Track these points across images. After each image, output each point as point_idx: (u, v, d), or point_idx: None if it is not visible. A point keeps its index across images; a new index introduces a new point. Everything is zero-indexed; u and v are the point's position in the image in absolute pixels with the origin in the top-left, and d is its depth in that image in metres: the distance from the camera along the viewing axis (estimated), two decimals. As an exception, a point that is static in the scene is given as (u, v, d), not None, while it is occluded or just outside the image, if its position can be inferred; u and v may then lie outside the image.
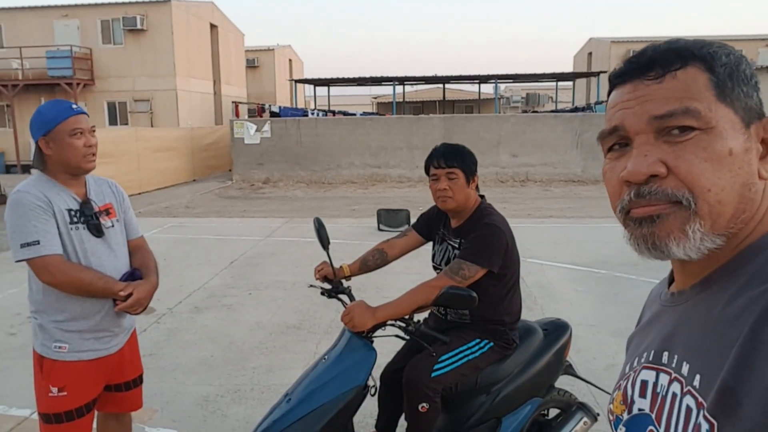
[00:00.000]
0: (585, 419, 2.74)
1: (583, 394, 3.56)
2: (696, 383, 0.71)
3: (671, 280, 0.90)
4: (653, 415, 0.78)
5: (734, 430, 0.63)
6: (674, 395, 0.74)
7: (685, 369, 0.74)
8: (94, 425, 2.43)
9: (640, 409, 0.82)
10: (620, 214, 0.78)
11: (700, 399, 0.69)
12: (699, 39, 0.78)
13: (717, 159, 0.71)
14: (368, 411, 3.12)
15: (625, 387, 0.87)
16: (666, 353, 0.79)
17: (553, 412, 2.90)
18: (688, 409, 0.71)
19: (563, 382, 2.93)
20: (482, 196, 2.60)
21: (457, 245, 2.53)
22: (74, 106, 2.24)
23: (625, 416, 0.85)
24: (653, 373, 0.81)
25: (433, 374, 2.39)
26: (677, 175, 0.72)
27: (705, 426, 0.67)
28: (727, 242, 0.74)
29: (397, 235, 2.87)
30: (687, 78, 0.73)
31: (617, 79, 0.80)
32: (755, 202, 0.74)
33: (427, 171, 2.57)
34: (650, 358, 0.83)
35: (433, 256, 2.71)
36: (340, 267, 2.76)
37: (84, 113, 2.25)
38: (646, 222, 0.74)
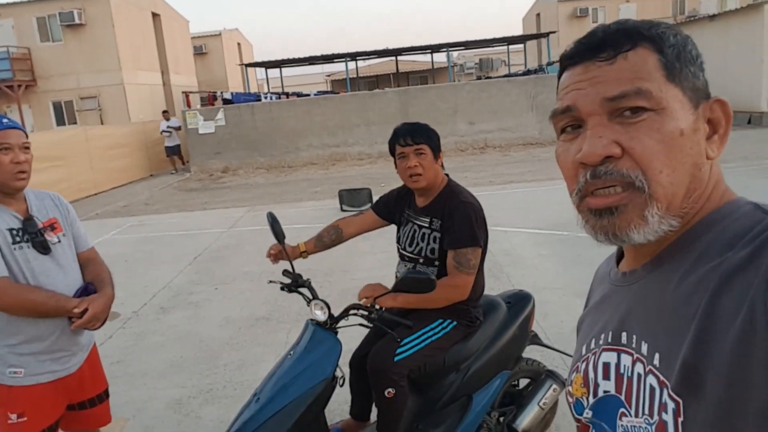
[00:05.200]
0: (554, 386, 2.78)
1: (552, 359, 3.63)
2: (656, 362, 0.71)
3: (619, 258, 0.90)
4: (622, 397, 0.78)
5: (699, 407, 0.64)
6: (639, 375, 0.75)
7: (644, 348, 0.74)
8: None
9: (605, 391, 0.81)
10: (576, 198, 0.77)
11: (662, 378, 0.69)
12: (646, 20, 0.77)
13: (669, 140, 0.71)
14: (342, 398, 3.12)
15: (586, 369, 0.86)
16: (624, 333, 0.79)
17: (524, 382, 2.94)
18: (652, 389, 0.71)
19: (532, 352, 2.98)
20: (446, 175, 2.59)
21: (426, 224, 2.50)
22: (5, 120, 2.12)
23: (591, 399, 0.84)
24: (614, 355, 0.81)
25: (396, 358, 2.39)
26: (632, 156, 0.71)
27: (671, 405, 0.67)
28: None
29: (354, 214, 2.89)
30: (638, 59, 0.73)
31: (568, 60, 0.80)
32: (703, 182, 0.75)
33: (392, 151, 2.52)
34: (609, 340, 0.82)
35: (398, 238, 2.67)
36: (297, 245, 2.74)
37: (16, 128, 2.13)
38: (606, 213, 0.74)
